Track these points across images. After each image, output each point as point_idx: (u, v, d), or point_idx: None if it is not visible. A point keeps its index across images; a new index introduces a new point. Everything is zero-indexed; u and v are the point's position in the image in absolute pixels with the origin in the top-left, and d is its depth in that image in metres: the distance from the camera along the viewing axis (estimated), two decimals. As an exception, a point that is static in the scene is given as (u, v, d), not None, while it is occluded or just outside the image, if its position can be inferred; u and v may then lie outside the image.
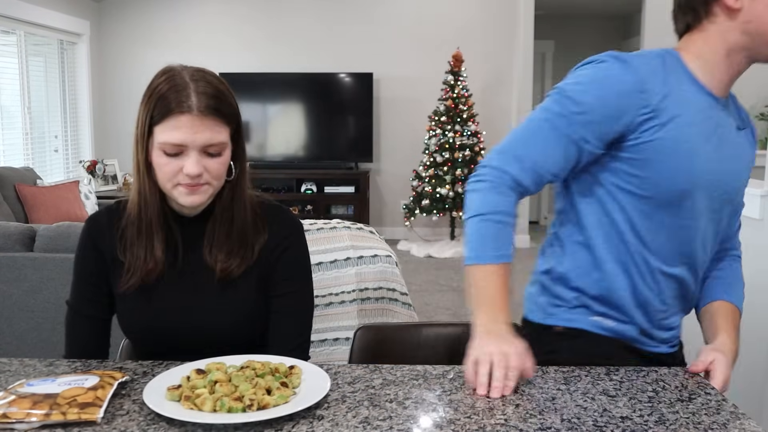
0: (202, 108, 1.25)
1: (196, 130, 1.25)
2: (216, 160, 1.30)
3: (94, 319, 1.42)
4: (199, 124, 1.25)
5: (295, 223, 1.46)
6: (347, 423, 1.05)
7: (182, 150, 1.27)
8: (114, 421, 1.06)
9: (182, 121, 1.25)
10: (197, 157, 1.27)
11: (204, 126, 1.26)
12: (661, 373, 1.28)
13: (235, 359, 1.25)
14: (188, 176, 1.27)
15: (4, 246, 2.78)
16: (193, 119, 1.25)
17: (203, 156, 1.28)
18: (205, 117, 1.26)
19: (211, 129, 1.27)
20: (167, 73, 1.29)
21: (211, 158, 1.29)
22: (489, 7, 6.98)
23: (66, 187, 5.17)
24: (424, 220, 7.03)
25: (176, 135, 1.25)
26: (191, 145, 1.26)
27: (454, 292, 5.07)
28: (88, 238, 1.41)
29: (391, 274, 2.63)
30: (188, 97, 1.25)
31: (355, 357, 1.57)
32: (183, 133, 1.25)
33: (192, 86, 1.26)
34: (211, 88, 1.28)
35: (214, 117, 1.27)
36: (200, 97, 1.26)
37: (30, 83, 5.94)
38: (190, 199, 1.30)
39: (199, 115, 1.25)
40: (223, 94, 1.30)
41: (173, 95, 1.25)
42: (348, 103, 6.94)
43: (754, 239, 2.34)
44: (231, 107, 1.31)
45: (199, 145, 1.26)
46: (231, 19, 7.08)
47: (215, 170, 1.30)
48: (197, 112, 1.25)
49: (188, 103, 1.25)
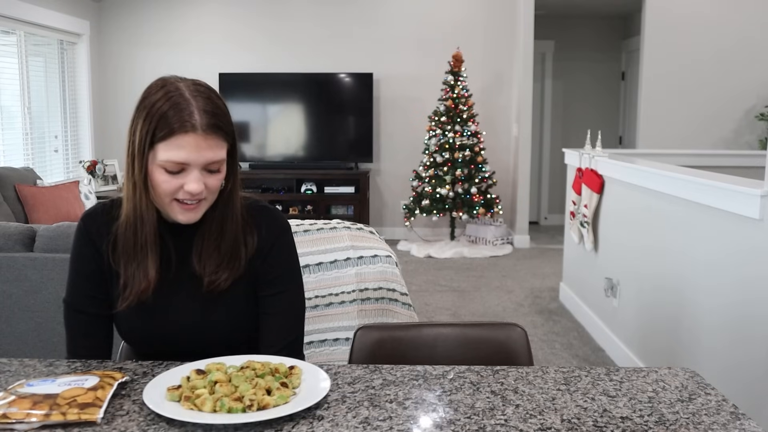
0: (205, 127, 1.25)
1: (200, 148, 1.25)
2: (215, 177, 1.30)
3: (94, 316, 1.41)
4: (203, 142, 1.25)
5: (282, 223, 1.45)
6: (347, 423, 1.05)
7: (184, 168, 1.26)
8: (114, 422, 1.06)
9: (186, 140, 1.24)
10: (198, 175, 1.27)
11: (207, 145, 1.25)
12: (661, 373, 1.28)
13: (235, 359, 1.25)
14: (189, 193, 1.27)
15: (4, 246, 2.78)
16: (198, 138, 1.24)
17: (204, 173, 1.28)
18: (208, 135, 1.25)
19: (214, 147, 1.26)
20: (164, 88, 1.27)
21: (210, 175, 1.29)
22: (489, 7, 6.98)
23: (66, 188, 5.17)
24: (424, 221, 7.03)
25: (180, 154, 1.24)
26: (194, 164, 1.26)
27: (454, 292, 5.07)
28: (83, 234, 1.40)
29: (391, 274, 2.63)
30: (191, 116, 1.24)
31: (355, 357, 1.57)
32: (187, 152, 1.24)
33: (194, 104, 1.25)
34: (212, 104, 1.27)
35: (216, 135, 1.26)
36: (203, 116, 1.25)
37: (30, 83, 5.94)
38: (187, 217, 1.31)
39: (203, 134, 1.24)
40: (221, 110, 1.29)
41: (175, 114, 1.24)
42: (348, 103, 6.94)
43: (754, 239, 2.34)
44: (229, 124, 1.31)
45: (201, 163, 1.26)
46: (231, 19, 7.08)
47: (213, 186, 1.30)
48: (201, 131, 1.24)
49: (192, 122, 1.24)
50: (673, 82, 6.46)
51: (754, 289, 2.34)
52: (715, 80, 6.46)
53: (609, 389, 1.19)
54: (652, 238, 3.23)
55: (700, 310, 2.73)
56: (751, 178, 2.68)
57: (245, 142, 6.90)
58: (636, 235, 3.42)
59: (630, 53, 7.76)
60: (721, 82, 6.46)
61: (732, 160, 4.79)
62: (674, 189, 2.95)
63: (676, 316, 2.93)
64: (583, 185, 4.12)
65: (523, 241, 6.83)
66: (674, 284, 2.96)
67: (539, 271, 5.80)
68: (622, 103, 8.09)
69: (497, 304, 4.79)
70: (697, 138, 6.48)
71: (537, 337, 4.02)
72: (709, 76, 6.46)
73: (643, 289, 3.32)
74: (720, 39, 6.40)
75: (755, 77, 6.47)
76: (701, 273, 2.72)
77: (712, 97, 6.48)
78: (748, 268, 2.39)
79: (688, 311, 2.82)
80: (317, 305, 2.52)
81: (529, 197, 6.95)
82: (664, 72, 6.45)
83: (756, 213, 2.29)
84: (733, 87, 6.47)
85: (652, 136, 6.50)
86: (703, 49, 6.42)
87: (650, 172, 3.21)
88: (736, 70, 6.45)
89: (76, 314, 1.41)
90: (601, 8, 7.58)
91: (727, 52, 6.42)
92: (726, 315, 2.53)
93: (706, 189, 2.66)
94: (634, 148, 7.00)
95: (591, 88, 8.10)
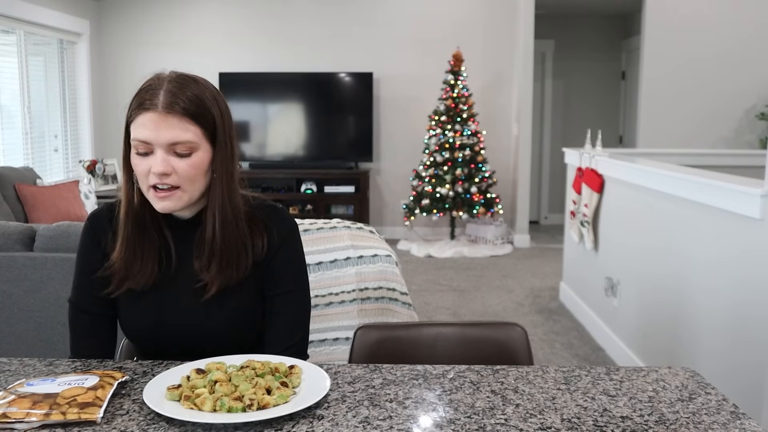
0: (165, 105, 1.25)
1: (159, 128, 1.25)
2: (185, 162, 1.28)
3: (98, 315, 1.41)
4: (162, 121, 1.25)
5: (291, 223, 1.44)
6: (347, 423, 1.05)
7: (150, 149, 1.27)
8: (114, 421, 1.06)
9: (148, 117, 1.26)
10: (164, 155, 1.27)
11: (167, 124, 1.26)
12: (662, 372, 1.28)
13: (235, 359, 1.25)
14: (155, 175, 1.27)
15: (4, 246, 2.78)
16: (157, 116, 1.25)
17: (171, 155, 1.27)
18: (168, 114, 1.26)
19: (175, 127, 1.26)
20: (153, 75, 1.31)
21: (179, 158, 1.28)
22: (489, 7, 6.97)
23: (66, 187, 5.16)
24: (424, 220, 7.03)
25: (143, 132, 1.26)
26: (155, 143, 1.26)
27: (454, 292, 5.07)
28: (89, 234, 1.41)
29: (391, 273, 2.63)
30: (154, 96, 1.26)
31: (355, 357, 1.57)
32: (148, 130, 1.26)
33: (163, 87, 1.27)
34: (183, 89, 1.28)
35: (179, 115, 1.26)
36: (166, 96, 1.26)
37: (30, 83, 5.93)
38: (162, 205, 1.30)
39: (162, 113, 1.25)
40: (194, 95, 1.28)
41: (145, 94, 1.27)
42: (348, 102, 6.93)
43: (754, 239, 2.34)
44: (203, 109, 1.29)
45: (163, 142, 1.26)
46: (231, 18, 7.08)
47: (185, 172, 1.28)
48: (161, 109, 1.25)
49: (154, 101, 1.26)
50: (673, 82, 6.46)
51: (755, 288, 2.34)
52: (715, 80, 6.46)
53: (609, 389, 1.19)
54: (652, 237, 3.22)
55: (700, 309, 2.73)
56: (752, 177, 2.68)
57: (245, 141, 6.90)
58: (636, 234, 3.42)
59: (630, 53, 7.76)
60: (721, 82, 6.46)
61: (732, 160, 4.79)
62: (674, 188, 2.95)
63: (676, 315, 2.93)
64: (583, 185, 4.12)
65: (523, 240, 6.83)
66: (674, 283, 2.96)
67: (539, 270, 5.80)
68: (622, 102, 8.09)
69: (497, 303, 4.79)
70: (698, 137, 6.48)
71: (537, 337, 4.02)
72: (709, 75, 6.45)
73: (644, 289, 3.32)
74: (720, 39, 6.40)
75: (755, 77, 6.47)
76: (701, 272, 2.72)
77: (712, 97, 6.48)
78: (749, 268, 2.39)
79: (688, 310, 2.82)
80: (317, 305, 2.52)
81: (529, 197, 6.94)
82: (665, 72, 6.45)
83: (756, 212, 2.29)
84: (733, 87, 6.46)
85: (652, 135, 6.50)
86: (703, 49, 6.41)
87: (650, 171, 3.21)
88: (736, 70, 6.44)
89: (80, 314, 1.41)
90: (602, 8, 7.58)
91: (727, 52, 6.42)
92: (726, 314, 2.53)
93: (706, 188, 2.66)
94: (634, 147, 7.00)
95: (591, 88, 8.10)
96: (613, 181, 3.78)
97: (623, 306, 3.59)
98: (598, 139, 4.19)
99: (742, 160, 4.84)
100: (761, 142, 6.43)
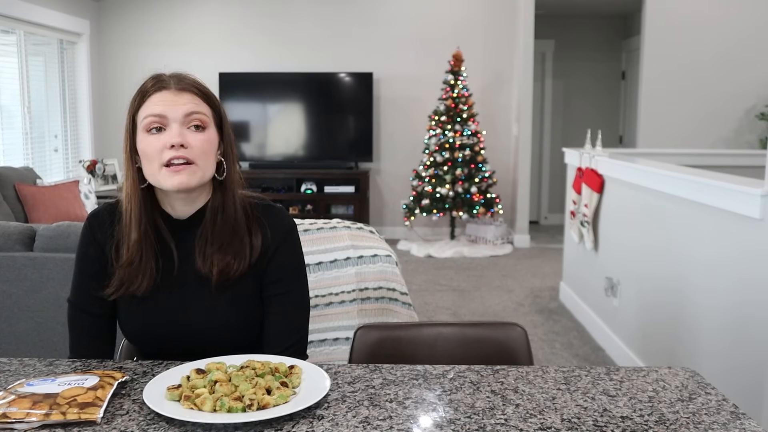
0: (177, 84, 1.33)
1: (175, 102, 1.31)
2: (199, 136, 1.32)
3: (97, 315, 1.41)
4: (176, 96, 1.32)
5: (289, 222, 1.45)
6: (347, 423, 1.05)
7: (164, 124, 1.30)
8: (114, 421, 1.06)
9: (160, 96, 1.31)
10: (179, 128, 1.30)
11: (181, 98, 1.32)
12: (662, 372, 1.28)
13: (235, 359, 1.25)
14: (170, 150, 1.29)
15: (4, 246, 2.78)
16: (170, 93, 1.32)
17: (185, 130, 1.31)
18: (181, 91, 1.32)
19: (188, 102, 1.32)
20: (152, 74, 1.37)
21: (194, 132, 1.32)
22: (489, 7, 6.97)
23: (66, 187, 5.16)
24: (424, 220, 7.03)
25: (155, 108, 1.30)
26: (170, 115, 1.30)
27: (454, 292, 5.07)
28: (89, 234, 1.41)
29: (391, 273, 2.63)
30: (163, 80, 1.34)
31: (355, 357, 1.57)
32: (163, 105, 1.30)
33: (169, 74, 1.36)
34: (187, 76, 1.36)
35: (191, 92, 1.33)
36: (174, 79, 1.34)
37: (30, 83, 5.93)
38: (176, 179, 1.30)
39: (175, 90, 1.32)
40: (199, 83, 1.37)
41: (151, 83, 1.34)
42: (348, 102, 6.93)
43: (754, 239, 2.34)
44: (210, 93, 1.38)
45: (179, 115, 1.30)
46: (231, 18, 7.08)
47: (198, 146, 1.31)
48: (174, 87, 1.32)
49: (165, 83, 1.33)
50: (673, 82, 6.46)
51: (755, 288, 2.34)
52: (715, 80, 6.46)
53: (609, 389, 1.19)
54: (652, 237, 3.22)
55: (700, 309, 2.73)
56: (752, 177, 2.68)
57: (245, 141, 6.89)
58: (636, 234, 3.42)
59: (630, 53, 7.76)
60: (721, 82, 6.46)
61: (732, 160, 4.79)
62: (674, 188, 2.95)
63: (676, 315, 2.93)
64: (583, 185, 4.12)
65: (523, 240, 6.83)
66: (674, 283, 2.96)
67: (539, 270, 5.80)
68: (622, 102, 8.09)
69: (497, 303, 4.79)
70: (698, 137, 6.48)
71: (537, 337, 4.02)
72: (709, 75, 6.45)
73: (643, 289, 3.32)
74: (720, 39, 6.40)
75: (755, 77, 6.47)
76: (701, 272, 2.72)
77: (712, 97, 6.48)
78: (748, 268, 2.39)
79: (688, 310, 2.82)
80: (317, 305, 2.52)
81: (529, 197, 6.94)
82: (665, 72, 6.45)
83: (756, 212, 2.29)
84: (733, 87, 6.46)
85: (652, 135, 6.50)
86: (703, 49, 6.41)
87: (650, 171, 3.21)
88: (736, 70, 6.44)
89: (80, 314, 1.41)
90: (602, 8, 7.58)
91: (727, 52, 6.41)
92: (726, 314, 2.53)
93: (706, 188, 2.66)
94: (634, 147, 6.99)
95: (591, 88, 8.10)
96: (613, 181, 3.78)
97: (623, 306, 3.59)
98: (598, 139, 4.19)
99: (742, 160, 4.84)
100: (761, 142, 6.43)
